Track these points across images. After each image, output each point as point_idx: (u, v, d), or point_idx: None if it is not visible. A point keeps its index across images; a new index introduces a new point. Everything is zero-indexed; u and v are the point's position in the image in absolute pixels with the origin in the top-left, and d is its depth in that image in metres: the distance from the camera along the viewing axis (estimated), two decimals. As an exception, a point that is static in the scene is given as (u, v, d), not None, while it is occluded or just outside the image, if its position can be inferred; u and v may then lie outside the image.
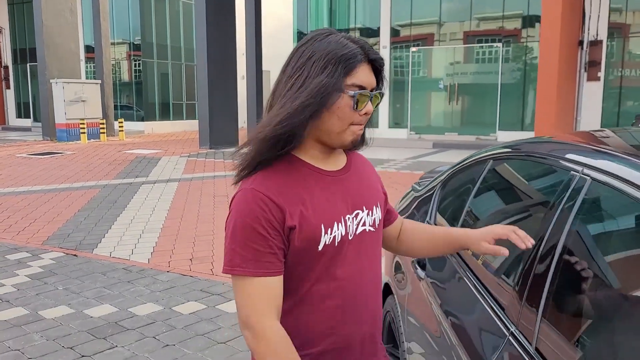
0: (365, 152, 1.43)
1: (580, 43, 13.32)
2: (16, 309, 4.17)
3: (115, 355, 3.41)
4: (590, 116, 13.36)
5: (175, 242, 6.00)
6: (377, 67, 1.24)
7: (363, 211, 1.30)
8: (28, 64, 24.59)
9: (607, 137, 1.73)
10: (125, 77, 22.52)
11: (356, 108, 1.20)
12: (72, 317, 4.01)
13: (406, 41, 16.59)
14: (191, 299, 4.36)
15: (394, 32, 16.67)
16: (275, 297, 1.17)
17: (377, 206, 1.35)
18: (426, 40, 16.40)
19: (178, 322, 3.93)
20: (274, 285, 1.17)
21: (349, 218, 1.26)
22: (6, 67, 25.51)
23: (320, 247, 1.20)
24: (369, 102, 1.22)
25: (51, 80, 17.14)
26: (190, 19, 22.33)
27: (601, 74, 13.36)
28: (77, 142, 16.92)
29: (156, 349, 3.51)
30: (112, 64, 20.35)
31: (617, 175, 1.21)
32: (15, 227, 6.70)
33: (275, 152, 1.19)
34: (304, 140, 1.23)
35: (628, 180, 1.16)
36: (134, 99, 22.21)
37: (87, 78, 21.38)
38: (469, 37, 15.75)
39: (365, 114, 1.22)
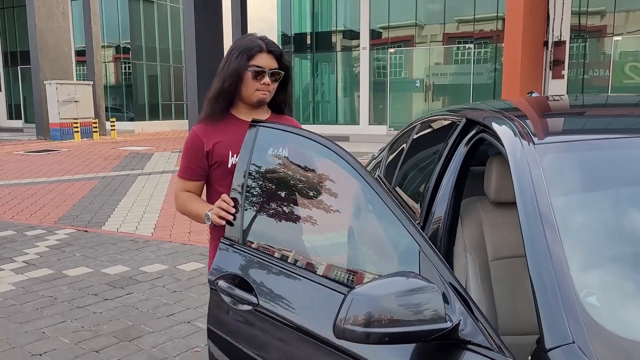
0: (347, 146, 2.20)
1: (546, 43, 14.28)
2: (42, 269, 4.91)
3: (132, 299, 4.17)
4: (555, 111, 14.27)
5: (174, 220, 6.75)
6: (277, 56, 2.03)
7: None
8: (19, 67, 25.10)
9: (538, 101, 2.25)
10: (115, 79, 23.15)
11: (256, 79, 1.98)
12: (92, 275, 4.75)
13: (384, 43, 17.44)
14: (192, 260, 5.13)
15: (373, 34, 17.51)
16: (191, 191, 2.09)
17: None
18: (403, 41, 17.26)
19: (182, 275, 4.70)
20: (190, 186, 2.08)
21: None
22: (-4, 70, 25.97)
23: (229, 165, 2.00)
24: (266, 77, 1.99)
25: (45, 82, 17.74)
26: (177, 22, 23.03)
27: (565, 72, 14.34)
28: (71, 140, 17.54)
29: (166, 293, 4.28)
30: (103, 66, 20.97)
31: (490, 129, 1.85)
32: (27, 211, 7.41)
33: (217, 109, 2.03)
34: (237, 102, 2.07)
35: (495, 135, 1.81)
36: (124, 100, 22.87)
37: (78, 80, 21.96)
38: (445, 38, 16.65)
39: (264, 83, 1.99)
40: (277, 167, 1.89)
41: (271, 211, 1.83)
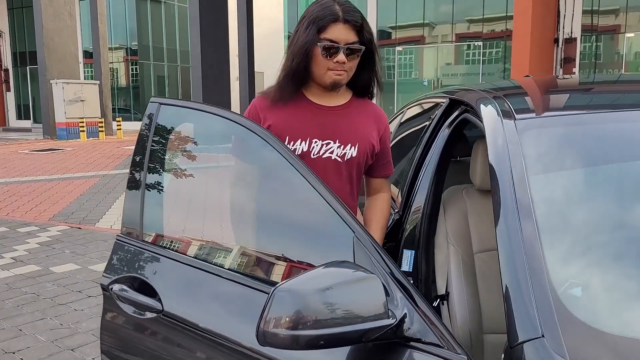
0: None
1: (556, 40, 14.01)
2: (29, 266, 4.81)
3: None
4: (565, 110, 14.02)
5: (169, 218, 6.64)
6: (357, 27, 1.59)
7: (335, 142, 1.64)
8: (28, 67, 25.25)
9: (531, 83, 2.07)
10: (123, 79, 23.19)
11: (328, 57, 1.58)
12: (79, 272, 4.64)
13: (392, 43, 17.26)
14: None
15: (381, 34, 17.34)
16: None
17: (354, 145, 1.65)
18: (411, 41, 17.08)
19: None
20: None
21: (315, 141, 1.63)
22: (6, 70, 26.15)
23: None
24: (341, 53, 1.58)
25: (51, 81, 17.79)
26: (185, 21, 23.01)
27: (576, 70, 14.06)
28: (77, 140, 17.54)
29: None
30: (110, 68, 21.01)
31: (472, 108, 1.71)
32: (23, 208, 7.33)
33: (286, 91, 1.65)
34: (310, 82, 1.68)
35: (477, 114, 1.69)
36: (132, 101, 22.89)
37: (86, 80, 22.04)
38: (453, 38, 16.44)
39: (337, 62, 1.58)
40: (183, 150, 1.68)
41: (177, 200, 1.64)
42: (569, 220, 1.21)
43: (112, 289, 1.53)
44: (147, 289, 1.47)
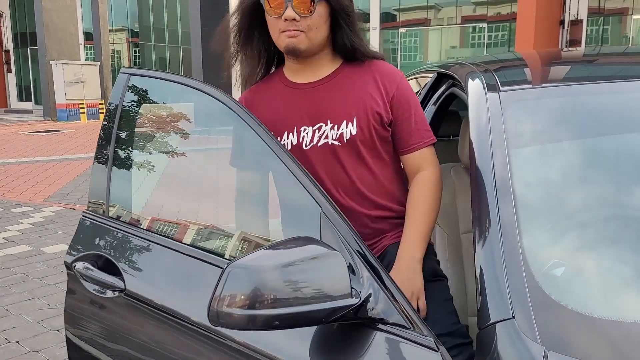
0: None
1: (562, 22, 13.78)
2: (21, 246, 4.76)
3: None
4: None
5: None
6: None
7: (327, 125, 1.33)
8: (29, 48, 25.08)
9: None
10: (123, 62, 23.04)
11: (275, 15, 1.26)
12: (70, 252, 4.60)
13: (396, 26, 17.04)
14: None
15: (385, 16, 17.10)
16: None
17: (350, 121, 1.32)
18: (415, 23, 16.85)
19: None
20: None
21: (304, 129, 1.34)
22: (7, 51, 26.00)
23: (289, 147, 1.35)
24: (289, 8, 1.24)
25: (51, 62, 17.67)
26: (186, 2, 22.76)
27: (581, 53, 13.86)
28: (77, 121, 17.47)
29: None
30: (111, 49, 20.86)
31: (459, 82, 1.64)
32: (19, 189, 7.29)
33: (249, 66, 1.40)
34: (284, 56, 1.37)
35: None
36: (133, 82, 22.78)
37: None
38: (458, 20, 16.21)
39: (286, 19, 1.25)
40: (154, 123, 1.61)
41: (145, 175, 1.56)
42: (550, 198, 1.14)
43: (75, 267, 1.46)
44: (111, 267, 1.40)
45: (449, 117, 2.22)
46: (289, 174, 1.17)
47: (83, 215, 1.55)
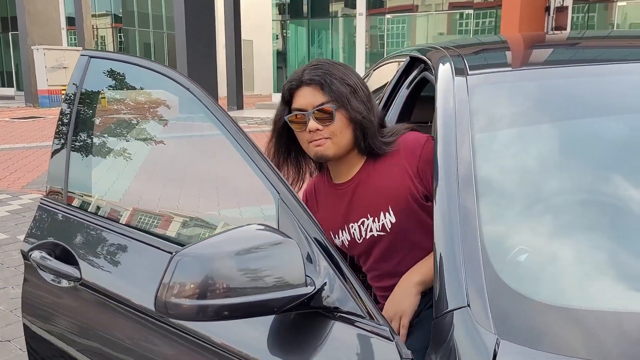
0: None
1: (547, 9, 13.78)
2: (-3, 234, 4.69)
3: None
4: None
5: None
6: (320, 84, 1.34)
7: (368, 219, 1.41)
8: (10, 33, 24.60)
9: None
10: (107, 48, 22.69)
11: (301, 128, 1.37)
12: (47, 240, 4.53)
13: (382, 12, 16.94)
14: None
15: (372, 2, 16.99)
16: None
17: (386, 211, 1.38)
18: (402, 9, 16.75)
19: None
20: None
21: (352, 226, 1.44)
22: (-12, 36, 25.49)
23: (339, 245, 1.48)
24: (311, 120, 1.34)
25: (32, 47, 17.34)
26: (171, -13, 22.46)
27: (566, 40, 13.89)
28: (59, 107, 17.21)
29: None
30: (94, 34, 20.52)
31: (430, 66, 1.61)
32: (-3, 176, 7.18)
33: (293, 178, 1.48)
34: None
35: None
36: (117, 68, 22.46)
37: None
38: (444, 6, 16.14)
39: (310, 131, 1.34)
40: (114, 107, 1.57)
41: (105, 161, 1.53)
42: (514, 184, 1.11)
43: (31, 256, 1.41)
44: (68, 256, 1.36)
45: (428, 103, 2.20)
46: (248, 160, 1.14)
47: (41, 202, 1.51)
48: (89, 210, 1.44)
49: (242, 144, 1.16)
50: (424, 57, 1.71)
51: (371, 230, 1.41)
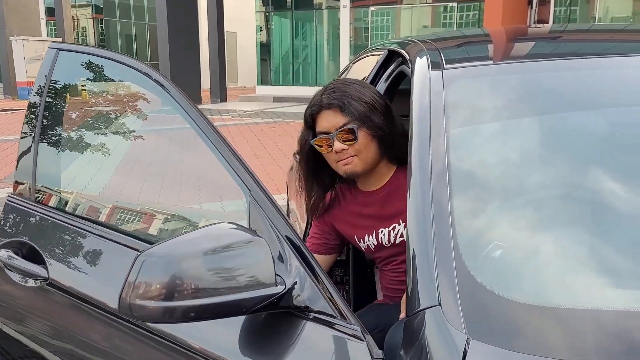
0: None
1: (530, 2, 13.85)
2: (-27, 230, 4.60)
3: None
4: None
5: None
6: (340, 106, 1.41)
7: (400, 224, 1.49)
8: (-13, 24, 24.11)
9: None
10: (88, 39, 22.35)
11: (327, 151, 1.43)
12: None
13: (366, 3, 16.89)
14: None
15: (355, -8, 16.93)
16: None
17: None
18: (386, 2, 16.72)
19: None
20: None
21: (382, 231, 1.50)
22: (-36, 27, 24.95)
23: (363, 249, 1.57)
24: (336, 142, 1.40)
25: (11, 38, 17.01)
26: (153, -23, 22.15)
27: (548, 34, 13.99)
28: (39, 100, 16.94)
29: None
30: (74, 25, 20.19)
31: (407, 60, 1.58)
32: (-26, 170, 7.03)
33: (321, 195, 1.56)
34: None
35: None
36: (98, 59, 22.13)
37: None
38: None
39: (337, 152, 1.41)
40: (83, 101, 1.55)
41: (73, 156, 1.49)
42: (488, 179, 1.10)
43: None
44: (35, 255, 1.32)
45: (406, 96, 2.18)
46: (217, 155, 1.11)
47: (8, 199, 1.46)
48: (57, 206, 1.40)
49: (211, 138, 1.13)
50: (402, 51, 1.69)
51: (402, 236, 1.48)
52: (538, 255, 0.97)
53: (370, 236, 1.52)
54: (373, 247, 1.52)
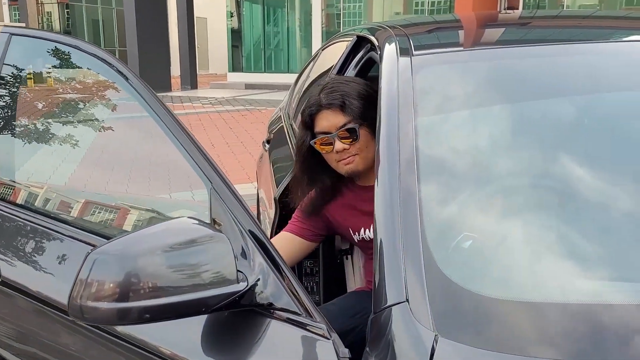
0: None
1: (500, -11, 13.95)
2: None
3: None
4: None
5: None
6: (340, 105, 1.40)
7: None
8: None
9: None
10: (53, 25, 21.68)
11: (328, 150, 1.42)
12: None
13: (338, -13, 16.78)
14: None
15: (326, -22, 16.78)
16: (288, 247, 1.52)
17: None
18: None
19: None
20: (293, 242, 1.53)
21: None
22: None
23: (356, 240, 1.54)
24: (337, 142, 1.40)
25: (-30, 23, 16.42)
26: (119, -40, 21.55)
27: (518, 21, 14.12)
28: (2, 88, 16.43)
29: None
30: (38, 10, 19.56)
31: (376, 46, 1.56)
32: None
33: (322, 186, 1.52)
34: None
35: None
36: (64, 45, 21.50)
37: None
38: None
39: (337, 152, 1.40)
40: (37, 88, 1.48)
41: (27, 146, 1.43)
42: (457, 167, 1.07)
43: None
44: None
45: (376, 84, 2.15)
46: (178, 145, 1.06)
47: None
48: (9, 200, 1.33)
49: (172, 129, 1.08)
50: (371, 37, 1.66)
51: None
52: (509, 247, 0.95)
53: (367, 230, 1.50)
54: (369, 239, 1.50)
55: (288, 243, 1.52)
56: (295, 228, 1.55)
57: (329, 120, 1.42)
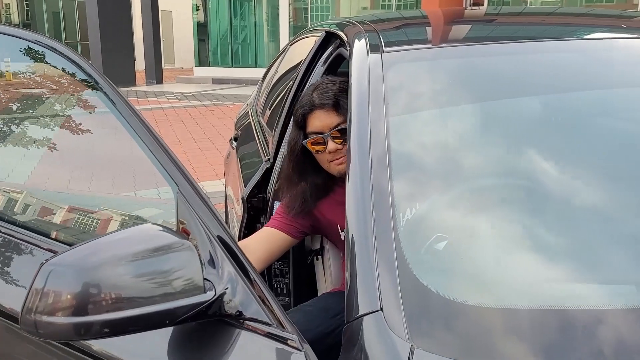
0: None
1: (465, -14, 14.11)
2: None
3: None
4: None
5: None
6: (334, 104, 1.40)
7: None
8: None
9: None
10: (12, 17, 20.95)
11: (320, 150, 1.42)
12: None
13: (305, -19, 16.69)
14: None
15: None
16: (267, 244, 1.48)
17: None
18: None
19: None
20: (275, 236, 1.49)
21: None
22: None
23: (342, 238, 1.47)
24: (330, 142, 1.39)
25: None
26: (80, -49, 20.92)
27: (483, 16, 14.31)
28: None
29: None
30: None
31: (345, 42, 1.52)
32: None
33: (314, 195, 1.50)
34: None
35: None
36: (22, 38, 20.79)
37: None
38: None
39: (330, 152, 1.40)
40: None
41: None
42: (429, 166, 1.05)
43: None
44: None
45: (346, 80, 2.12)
46: (143, 147, 1.01)
47: None
48: None
49: (135, 127, 1.03)
50: (340, 33, 1.63)
51: None
52: (485, 249, 0.93)
53: None
54: None
55: (272, 238, 1.49)
56: (280, 224, 1.51)
57: (322, 120, 1.41)
